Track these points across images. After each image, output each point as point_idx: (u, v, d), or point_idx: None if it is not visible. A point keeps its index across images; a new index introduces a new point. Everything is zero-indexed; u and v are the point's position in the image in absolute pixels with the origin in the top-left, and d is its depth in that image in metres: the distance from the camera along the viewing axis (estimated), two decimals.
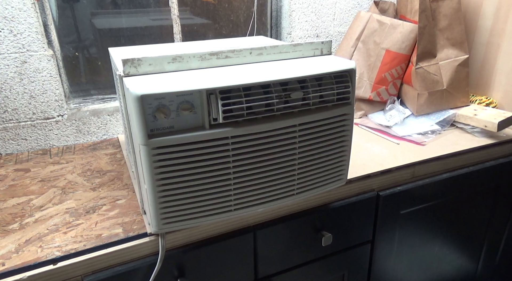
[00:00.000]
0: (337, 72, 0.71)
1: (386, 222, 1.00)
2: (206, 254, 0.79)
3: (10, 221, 0.77)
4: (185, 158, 0.64)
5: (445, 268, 1.22)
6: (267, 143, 0.69)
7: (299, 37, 1.35)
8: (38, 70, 1.04)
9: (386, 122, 1.16)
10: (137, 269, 0.72)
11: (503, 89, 1.20)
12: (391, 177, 0.95)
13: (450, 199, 1.07)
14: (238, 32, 1.34)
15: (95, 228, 0.74)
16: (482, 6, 1.21)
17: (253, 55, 0.72)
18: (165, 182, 0.64)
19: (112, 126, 1.17)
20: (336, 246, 0.95)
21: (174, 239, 0.74)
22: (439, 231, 1.12)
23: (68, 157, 1.06)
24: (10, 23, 0.98)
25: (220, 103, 0.62)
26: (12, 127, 1.06)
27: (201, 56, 0.68)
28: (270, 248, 0.86)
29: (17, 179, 0.94)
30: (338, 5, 1.37)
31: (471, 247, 1.23)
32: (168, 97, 0.61)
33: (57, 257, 0.66)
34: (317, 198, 0.87)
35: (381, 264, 1.06)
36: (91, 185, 0.90)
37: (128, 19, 1.18)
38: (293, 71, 0.67)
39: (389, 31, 1.17)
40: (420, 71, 1.13)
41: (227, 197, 0.69)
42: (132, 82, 0.60)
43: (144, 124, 0.60)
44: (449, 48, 1.15)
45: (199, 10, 1.26)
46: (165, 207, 0.66)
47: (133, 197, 0.84)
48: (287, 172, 0.73)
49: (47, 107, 1.08)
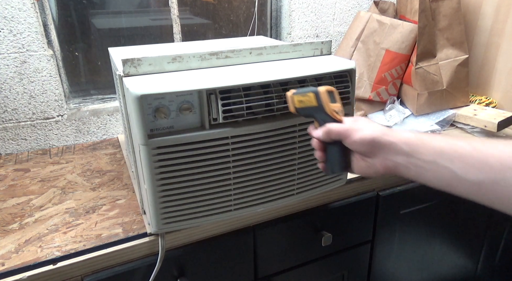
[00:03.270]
0: (337, 72, 0.71)
1: (386, 222, 1.00)
2: (206, 254, 0.78)
3: (10, 221, 0.77)
4: (185, 158, 0.63)
5: (445, 268, 1.22)
6: (267, 143, 0.69)
7: (299, 37, 1.35)
8: (38, 70, 1.04)
9: (386, 122, 1.16)
10: (137, 269, 0.72)
11: (503, 89, 1.20)
12: (391, 177, 0.95)
13: (450, 199, 1.07)
14: (238, 32, 1.34)
15: (95, 228, 0.74)
16: (482, 6, 1.21)
17: (253, 55, 0.72)
18: (165, 182, 0.64)
19: (112, 126, 1.17)
20: (336, 246, 0.95)
21: (174, 239, 0.74)
22: (439, 231, 1.12)
23: (68, 157, 1.06)
24: (10, 23, 0.97)
25: (220, 103, 0.62)
26: (12, 127, 1.06)
27: (201, 56, 0.67)
28: (270, 248, 0.86)
29: (17, 179, 0.93)
30: (338, 5, 1.37)
31: (471, 247, 1.23)
32: (168, 97, 0.61)
33: (57, 257, 0.66)
34: (317, 198, 0.87)
35: (381, 264, 1.06)
36: (91, 185, 0.90)
37: (128, 19, 1.18)
38: (293, 71, 0.67)
39: (389, 31, 1.17)
40: (420, 71, 1.13)
41: (227, 197, 0.69)
42: (132, 82, 0.60)
43: (144, 124, 0.60)
44: (449, 48, 1.15)
45: (199, 10, 1.26)
46: (165, 207, 0.66)
47: (133, 197, 0.84)
48: (287, 172, 0.73)
49: (46, 107, 1.08)
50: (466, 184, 0.44)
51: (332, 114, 0.57)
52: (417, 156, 0.48)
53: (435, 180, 0.48)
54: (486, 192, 0.43)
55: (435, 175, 0.47)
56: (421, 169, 0.48)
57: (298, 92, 0.59)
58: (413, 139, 0.49)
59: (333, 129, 0.55)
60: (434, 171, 0.47)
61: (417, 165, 0.48)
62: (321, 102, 0.57)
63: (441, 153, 0.46)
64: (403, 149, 0.49)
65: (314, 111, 0.58)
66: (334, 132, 0.55)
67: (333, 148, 0.57)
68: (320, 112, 0.57)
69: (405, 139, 0.50)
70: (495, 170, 0.41)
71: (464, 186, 0.44)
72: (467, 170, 0.43)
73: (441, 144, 0.46)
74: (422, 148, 0.48)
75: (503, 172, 0.41)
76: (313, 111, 0.58)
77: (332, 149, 0.57)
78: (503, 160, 0.41)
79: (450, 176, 0.45)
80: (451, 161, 0.45)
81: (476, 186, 0.43)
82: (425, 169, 0.48)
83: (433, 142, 0.47)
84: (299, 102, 0.59)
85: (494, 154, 0.42)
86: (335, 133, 0.55)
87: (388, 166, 0.52)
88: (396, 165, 0.51)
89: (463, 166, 0.44)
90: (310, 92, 0.57)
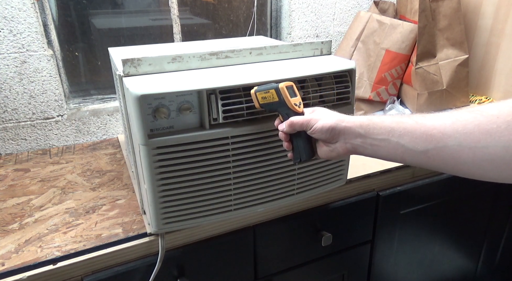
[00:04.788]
0: (337, 72, 0.71)
1: (386, 222, 1.00)
2: (206, 254, 0.78)
3: (10, 221, 0.77)
4: (185, 158, 0.63)
5: (445, 268, 1.22)
6: (267, 143, 0.69)
7: (299, 37, 1.35)
8: (38, 70, 1.04)
9: None
10: (137, 269, 0.72)
11: (503, 89, 1.20)
12: (391, 177, 0.95)
13: (450, 199, 1.07)
14: (238, 32, 1.34)
15: (94, 228, 0.74)
16: (482, 6, 1.21)
17: (253, 55, 0.72)
18: (165, 182, 0.64)
19: (112, 126, 1.17)
20: (336, 246, 0.95)
21: (174, 239, 0.74)
22: (439, 231, 1.12)
23: (67, 157, 1.06)
24: (10, 23, 0.97)
25: (220, 103, 0.62)
26: (12, 127, 1.06)
27: (201, 56, 0.67)
28: (270, 248, 0.86)
29: (16, 179, 0.93)
30: (338, 5, 1.37)
31: (471, 247, 1.23)
32: (168, 97, 0.61)
33: (57, 257, 0.66)
34: (317, 198, 0.87)
35: (381, 264, 1.06)
36: (90, 185, 0.90)
37: (128, 19, 1.18)
38: (293, 71, 0.67)
39: (389, 31, 1.17)
40: (420, 71, 1.13)
41: (227, 197, 0.69)
42: (132, 82, 0.60)
43: (144, 124, 0.60)
44: (449, 48, 1.15)
45: (199, 10, 1.26)
46: (165, 207, 0.66)
47: (133, 197, 0.84)
48: (287, 172, 0.73)
49: (46, 107, 1.08)
50: (415, 155, 0.51)
51: (293, 108, 0.61)
52: (372, 136, 0.55)
53: (389, 155, 0.54)
54: (433, 159, 0.49)
55: (389, 150, 0.54)
56: (376, 147, 0.55)
57: (260, 89, 0.63)
58: (366, 122, 0.56)
59: (295, 122, 0.60)
60: (387, 147, 0.54)
61: (372, 144, 0.55)
62: (282, 98, 0.61)
63: (391, 130, 0.52)
64: (358, 131, 0.56)
65: (276, 106, 0.62)
66: (297, 124, 0.60)
67: (298, 138, 0.62)
68: (282, 106, 0.62)
69: (359, 123, 0.56)
70: (437, 139, 0.47)
71: (414, 156, 0.51)
72: (415, 142, 0.50)
73: (390, 123, 0.53)
74: (374, 128, 0.54)
75: (444, 140, 0.47)
76: (276, 106, 0.62)
77: (297, 139, 0.62)
78: (443, 130, 0.47)
79: (401, 150, 0.52)
80: (400, 136, 0.51)
81: (423, 155, 0.49)
82: (379, 146, 0.54)
83: (383, 122, 0.54)
84: (262, 99, 0.63)
85: (435, 125, 0.48)
86: (298, 125, 0.60)
87: (347, 148, 0.58)
88: (354, 146, 0.57)
89: (411, 139, 0.50)
90: (271, 89, 0.61)
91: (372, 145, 0.55)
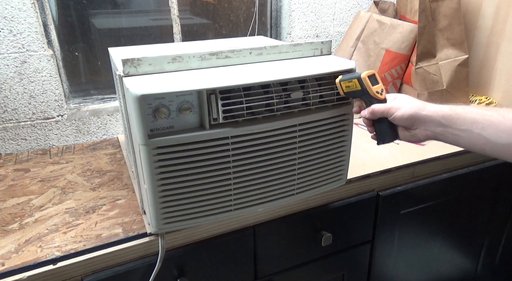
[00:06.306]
0: (337, 72, 0.71)
1: (386, 222, 1.00)
2: (206, 254, 0.79)
3: (10, 221, 0.77)
4: (185, 158, 0.63)
5: (445, 268, 1.22)
6: (267, 143, 0.69)
7: (299, 37, 1.35)
8: (38, 70, 1.04)
9: None
10: (137, 269, 0.72)
11: (503, 89, 1.20)
12: (391, 177, 0.95)
13: (450, 199, 1.07)
14: (238, 32, 1.34)
15: (95, 228, 0.74)
16: (482, 6, 1.21)
17: (253, 55, 0.72)
18: (165, 182, 0.64)
19: (112, 126, 1.17)
20: (336, 246, 0.95)
21: (174, 239, 0.74)
22: (439, 231, 1.12)
23: (68, 157, 1.06)
24: (10, 23, 0.97)
25: (220, 103, 0.62)
26: (12, 127, 1.06)
27: (201, 56, 0.67)
28: (270, 248, 0.86)
29: (17, 179, 0.93)
30: (338, 5, 1.37)
31: (471, 247, 1.23)
32: (168, 97, 0.61)
33: (57, 257, 0.66)
34: (317, 198, 0.87)
35: (381, 264, 1.06)
36: (91, 185, 0.90)
37: (128, 19, 1.18)
38: (293, 71, 0.67)
39: (389, 31, 1.17)
40: (420, 71, 1.13)
41: (227, 197, 0.69)
42: (132, 82, 0.60)
43: (144, 124, 0.60)
44: (449, 48, 1.15)
45: (199, 10, 1.26)
46: (165, 207, 0.66)
47: (133, 197, 0.84)
48: (287, 172, 0.73)
49: (47, 107, 1.08)
50: (497, 147, 0.54)
51: (375, 95, 0.66)
52: (453, 126, 0.58)
53: (469, 145, 0.57)
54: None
55: (470, 141, 0.56)
56: (457, 137, 0.58)
57: (344, 78, 0.68)
58: (449, 112, 0.58)
59: (376, 109, 0.65)
60: (468, 138, 0.56)
61: (454, 133, 0.58)
62: (364, 86, 0.66)
63: (475, 122, 0.55)
64: (439, 121, 0.59)
65: (359, 94, 0.67)
66: (378, 112, 0.65)
67: (380, 124, 0.67)
68: (364, 94, 0.67)
69: (442, 114, 0.59)
70: None
71: (495, 148, 0.54)
72: (498, 135, 0.53)
73: (475, 114, 0.56)
74: (458, 119, 0.57)
75: None
76: (359, 94, 0.67)
77: (379, 124, 0.68)
78: None
79: (483, 141, 0.55)
80: (483, 128, 0.54)
81: (505, 147, 0.53)
82: (460, 136, 0.57)
83: (467, 114, 0.57)
84: (346, 87, 0.68)
85: None
86: (379, 113, 0.65)
87: (427, 134, 0.62)
88: (435, 134, 0.61)
89: (494, 132, 0.53)
90: (354, 78, 0.66)
91: (454, 134, 0.58)
